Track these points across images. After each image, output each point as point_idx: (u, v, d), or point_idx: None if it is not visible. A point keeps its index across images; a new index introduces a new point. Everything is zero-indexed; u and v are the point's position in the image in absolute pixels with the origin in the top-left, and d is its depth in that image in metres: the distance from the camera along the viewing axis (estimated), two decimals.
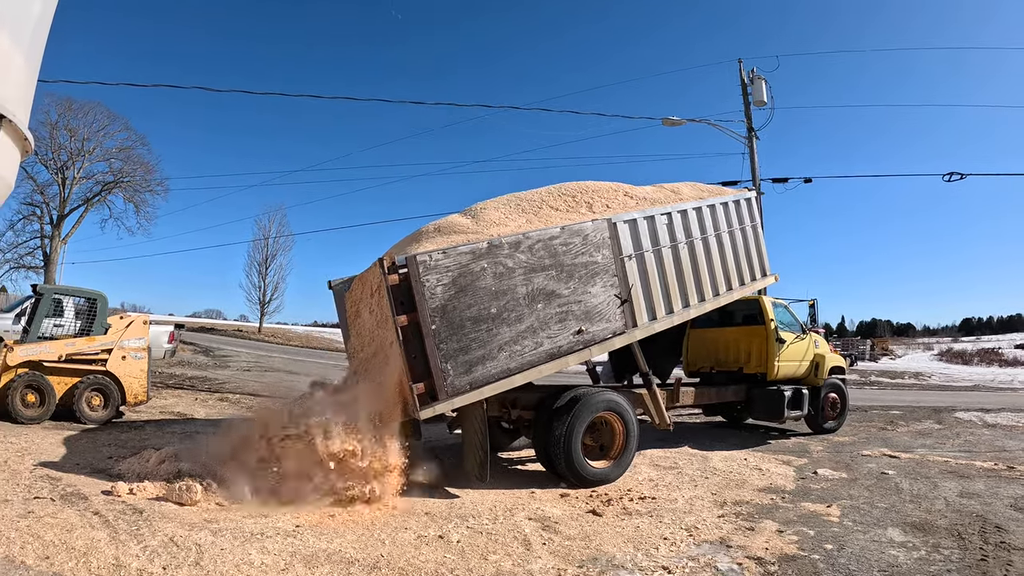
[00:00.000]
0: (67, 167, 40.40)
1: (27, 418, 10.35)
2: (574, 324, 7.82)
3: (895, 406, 17.51)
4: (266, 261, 54.99)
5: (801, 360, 12.16)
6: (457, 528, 6.23)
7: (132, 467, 7.51)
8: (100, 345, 11.36)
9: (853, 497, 7.67)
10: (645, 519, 6.73)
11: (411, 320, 6.63)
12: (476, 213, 8.31)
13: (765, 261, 12.00)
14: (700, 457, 10.17)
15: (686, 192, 10.61)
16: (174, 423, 11.83)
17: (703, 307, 10.00)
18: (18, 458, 7.86)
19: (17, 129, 4.51)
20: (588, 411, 8.16)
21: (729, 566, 5.33)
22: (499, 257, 7.21)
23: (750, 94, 19.21)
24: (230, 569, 4.88)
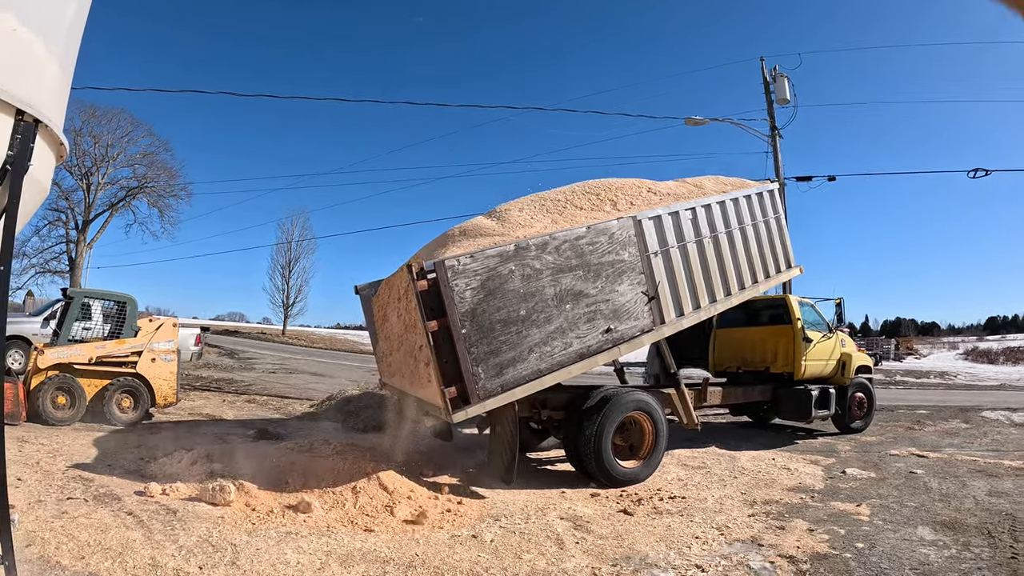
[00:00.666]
0: (92, 173, 41.26)
1: (57, 420, 10.44)
2: (602, 323, 7.77)
3: (921, 406, 17.27)
4: (289, 264, 55.60)
5: (828, 359, 12.02)
6: (490, 528, 6.22)
7: (164, 468, 7.54)
8: (130, 348, 11.46)
9: (882, 496, 7.59)
10: (676, 518, 6.70)
11: (441, 325, 6.60)
12: (501, 215, 8.27)
13: (790, 253, 11.86)
14: (728, 457, 10.08)
15: (709, 186, 10.51)
16: (203, 424, 11.90)
17: (730, 301, 9.91)
18: (50, 459, 7.92)
19: (53, 134, 4.55)
20: (618, 411, 8.12)
21: (762, 564, 5.29)
22: (526, 259, 7.16)
23: (772, 92, 19.08)
24: (266, 568, 4.89)
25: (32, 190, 4.48)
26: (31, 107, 4.07)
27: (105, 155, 41.35)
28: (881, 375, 28.22)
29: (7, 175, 4.07)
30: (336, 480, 6.89)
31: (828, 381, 12.01)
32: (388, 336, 8.82)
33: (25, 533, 5.14)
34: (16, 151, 4.05)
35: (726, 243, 9.83)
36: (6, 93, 3.89)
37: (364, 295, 10.12)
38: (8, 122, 4.00)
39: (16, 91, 3.96)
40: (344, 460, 7.27)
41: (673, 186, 9.97)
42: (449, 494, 7.15)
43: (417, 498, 6.78)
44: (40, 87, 4.35)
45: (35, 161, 4.23)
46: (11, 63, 3.98)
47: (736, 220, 10.16)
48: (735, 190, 10.52)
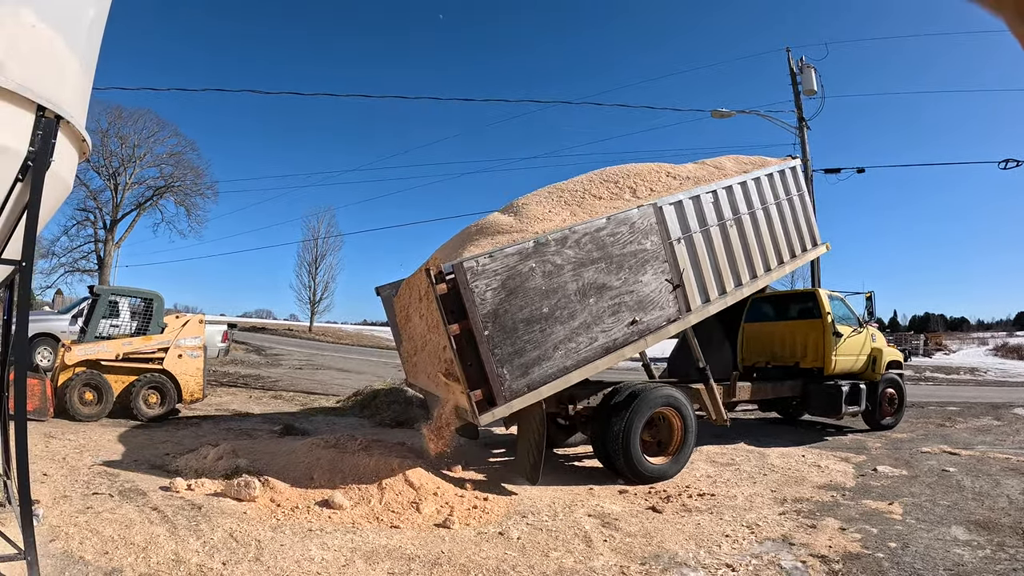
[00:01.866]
0: (119, 173, 41.65)
1: (85, 415, 10.51)
2: (627, 315, 7.61)
3: (952, 402, 16.89)
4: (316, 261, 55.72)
5: (858, 354, 11.78)
6: (517, 525, 6.12)
7: (190, 463, 7.54)
8: (157, 344, 11.52)
9: (915, 495, 7.42)
10: (705, 516, 6.56)
11: (463, 328, 6.45)
12: (518, 209, 8.08)
13: (815, 231, 11.58)
14: (757, 454, 9.91)
15: (729, 167, 10.24)
16: (230, 420, 11.94)
17: (756, 284, 9.67)
18: (76, 454, 7.95)
19: (75, 131, 4.53)
20: (647, 407, 7.96)
21: (793, 564, 5.17)
22: (546, 255, 6.99)
23: (799, 83, 18.70)
24: (290, 565, 4.83)
25: (55, 186, 4.45)
26: (52, 103, 4.04)
27: (132, 155, 41.78)
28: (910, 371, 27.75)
29: (29, 171, 4.06)
30: (362, 476, 6.83)
31: (858, 376, 11.76)
32: (412, 336, 8.74)
33: (49, 528, 5.13)
34: (37, 147, 4.02)
35: (750, 224, 9.59)
36: (26, 89, 3.86)
37: (385, 296, 10.05)
38: (29, 118, 3.98)
39: (37, 87, 3.94)
40: (370, 456, 7.20)
41: (693, 169, 9.70)
42: (475, 490, 7.06)
43: (443, 495, 6.69)
44: (61, 84, 4.32)
45: (57, 157, 4.20)
46: (31, 60, 3.96)
47: (759, 200, 9.91)
48: (756, 169, 10.25)
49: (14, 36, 3.80)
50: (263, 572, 4.67)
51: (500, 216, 8.02)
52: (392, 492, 6.52)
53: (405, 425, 11.68)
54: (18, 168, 3.96)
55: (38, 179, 4.03)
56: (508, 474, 8.05)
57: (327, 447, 7.57)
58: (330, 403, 14.72)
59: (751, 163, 10.76)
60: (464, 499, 6.73)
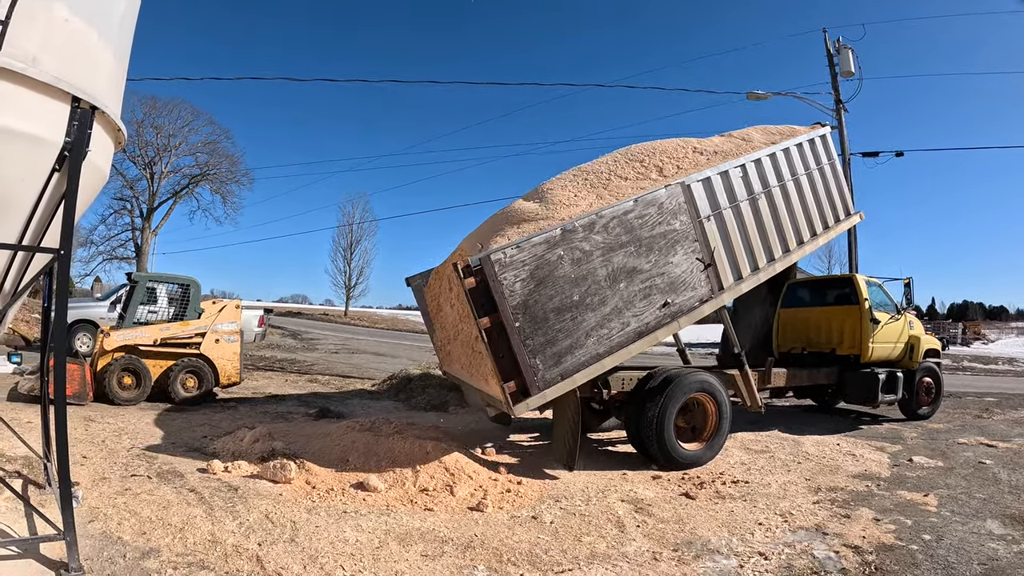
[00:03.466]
0: (155, 162, 42.53)
1: (123, 400, 10.72)
2: (659, 298, 7.45)
3: (989, 393, 16.39)
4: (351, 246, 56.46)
5: (896, 342, 11.44)
6: (550, 509, 6.09)
7: (226, 446, 7.62)
8: (194, 329, 11.67)
9: (950, 486, 7.28)
10: (739, 503, 6.48)
11: (494, 321, 6.36)
12: (543, 195, 7.91)
13: (848, 200, 11.20)
14: (792, 441, 9.71)
15: (757, 138, 9.87)
16: (266, 403, 12.04)
17: (789, 259, 9.40)
18: (115, 438, 8.09)
19: (110, 120, 4.57)
20: (681, 392, 7.83)
21: (826, 554, 5.10)
22: (574, 242, 6.85)
23: (836, 65, 18.17)
24: (325, 546, 4.85)
25: (91, 175, 4.50)
26: (87, 94, 4.08)
27: (167, 145, 42.62)
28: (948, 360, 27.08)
29: (65, 161, 4.10)
30: (396, 459, 6.84)
31: (895, 364, 11.43)
32: (444, 325, 8.69)
33: (88, 509, 5.24)
34: (74, 137, 4.06)
35: (780, 197, 9.29)
36: (61, 81, 3.90)
37: (415, 286, 10.00)
38: (64, 110, 4.02)
39: (71, 79, 3.97)
40: (405, 439, 7.20)
41: (719, 142, 9.40)
42: (509, 474, 7.04)
43: (478, 478, 6.68)
44: (95, 75, 4.36)
45: (93, 147, 4.24)
46: (65, 52, 4.00)
47: (788, 172, 9.57)
48: (785, 139, 9.87)
49: (48, 30, 3.85)
50: (298, 552, 4.69)
51: (525, 203, 7.86)
52: (426, 475, 6.52)
53: (439, 409, 11.71)
54: (55, 158, 4.02)
55: (75, 169, 4.08)
56: (541, 458, 8.01)
57: (362, 430, 7.61)
58: (365, 387, 14.81)
59: (780, 133, 10.37)
60: (498, 483, 6.71)
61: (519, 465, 7.59)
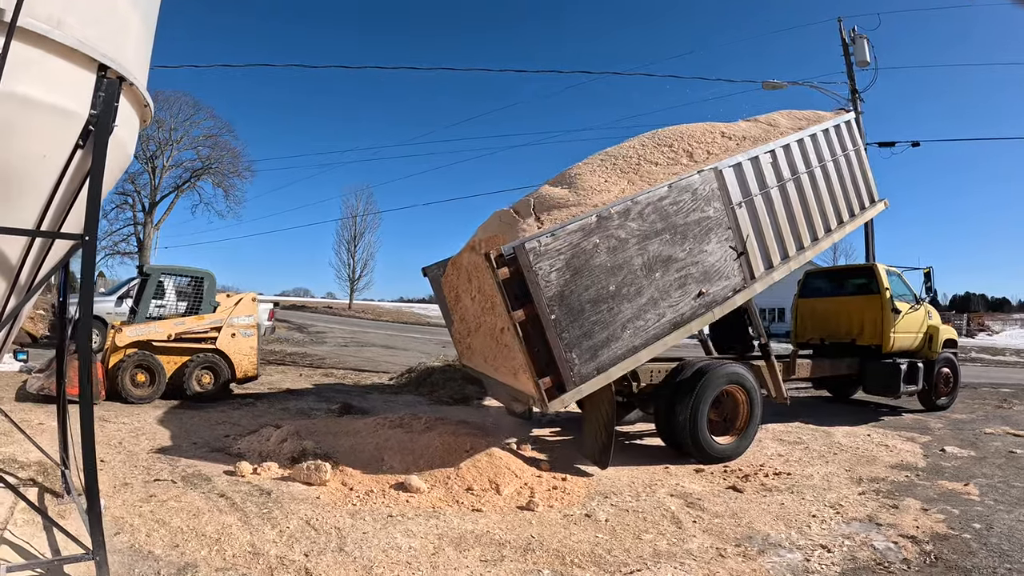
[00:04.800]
0: (156, 156, 41.49)
1: (137, 398, 10.07)
2: (694, 287, 6.99)
3: (1004, 383, 16.04)
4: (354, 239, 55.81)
5: (916, 332, 11.10)
6: (601, 506, 5.68)
7: (252, 446, 7.06)
8: (209, 323, 11.01)
9: (987, 476, 7.10)
10: (786, 495, 6.18)
11: (529, 313, 5.81)
12: (571, 181, 7.36)
13: (872, 187, 10.74)
14: (822, 432, 9.38)
15: (783, 123, 9.35)
16: (283, 399, 11.43)
17: (817, 247, 8.94)
18: (133, 439, 7.51)
19: (138, 93, 4.01)
20: (713, 384, 7.41)
21: (886, 545, 4.93)
22: (610, 230, 6.34)
23: (852, 54, 17.77)
24: (377, 554, 4.36)
25: (117, 153, 3.95)
26: (115, 63, 3.53)
27: (169, 139, 41.56)
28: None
29: (90, 136, 3.60)
30: (435, 457, 6.37)
31: (915, 355, 11.08)
32: (463, 317, 8.22)
33: (112, 519, 4.67)
34: (100, 110, 3.51)
35: (808, 184, 8.84)
36: (88, 47, 3.37)
37: (432, 276, 9.47)
38: (90, 79, 3.48)
39: (98, 44, 3.44)
40: (439, 435, 6.74)
41: (746, 127, 8.92)
42: (552, 471, 6.59)
43: (522, 476, 6.20)
44: (124, 42, 3.80)
45: (120, 122, 3.70)
46: (91, 15, 3.42)
47: (816, 158, 9.13)
48: (811, 125, 9.42)
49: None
50: (349, 564, 4.19)
51: (553, 188, 7.28)
52: (470, 473, 6.03)
53: (463, 403, 11.21)
54: (79, 133, 3.46)
55: (101, 145, 3.54)
56: (571, 453, 7.60)
57: (392, 427, 7.14)
58: (383, 380, 14.22)
59: (805, 118, 9.92)
60: (542, 480, 6.24)
61: (552, 461, 7.09)
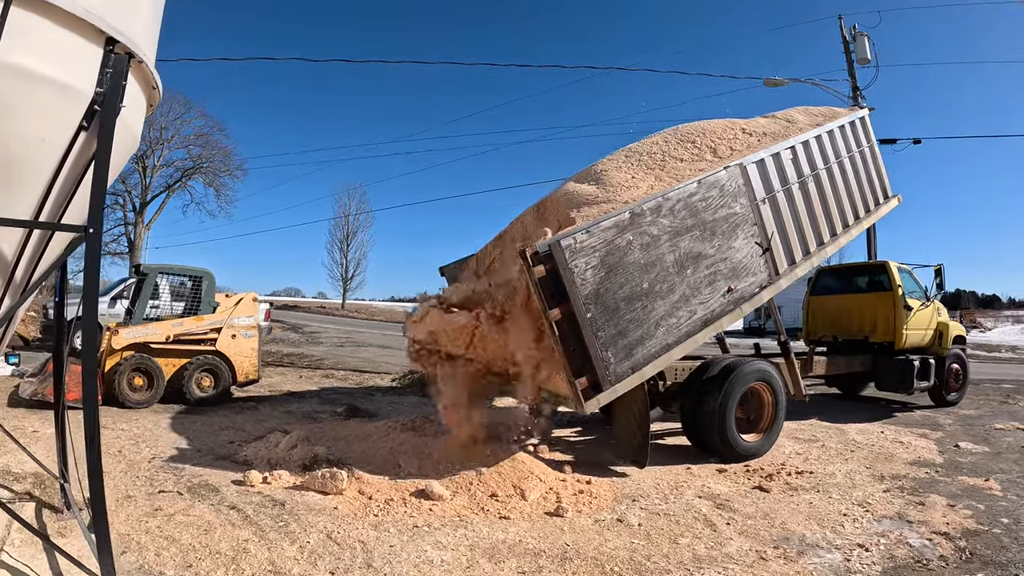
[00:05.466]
0: (147, 156, 40.11)
1: (135, 402, 9.56)
2: (723, 284, 6.78)
3: (1004, 379, 15.95)
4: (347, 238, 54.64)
5: (926, 328, 11.00)
6: (631, 510, 5.39)
7: (260, 453, 6.65)
8: (208, 324, 10.51)
9: (1005, 471, 7.03)
10: (813, 495, 6.01)
11: (565, 312, 5.57)
12: (598, 177, 7.15)
13: (886, 182, 10.60)
14: (836, 430, 9.18)
15: (801, 119, 9.25)
16: (286, 402, 10.94)
17: (836, 243, 8.81)
18: (133, 446, 7.08)
19: (147, 73, 3.63)
20: (742, 382, 7.22)
21: (921, 542, 4.84)
22: (643, 226, 6.14)
23: (852, 52, 17.63)
24: (409, 570, 4.02)
25: (123, 138, 3.55)
26: (124, 36, 3.15)
27: (160, 138, 40.34)
28: None
29: (95, 117, 3.25)
30: (453, 461, 6.02)
31: (925, 351, 10.97)
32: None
33: (118, 537, 4.25)
34: (107, 88, 3.14)
35: (827, 180, 8.70)
36: (96, 17, 3.01)
37: (451, 275, 9.19)
38: (96, 54, 3.12)
39: (107, 15, 3.07)
40: (455, 439, 6.38)
41: (765, 123, 8.76)
42: (575, 474, 6.28)
43: (547, 480, 5.87)
44: (134, 15, 3.37)
45: (127, 103, 3.35)
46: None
47: (833, 154, 9.01)
48: (827, 121, 9.32)
49: None
50: None
51: (579, 185, 7.06)
52: (492, 478, 5.68)
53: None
54: (83, 113, 3.08)
55: (107, 127, 3.18)
56: (594, 454, 7.36)
57: (405, 430, 6.78)
58: (385, 382, 13.76)
59: (822, 115, 9.83)
60: (567, 483, 5.91)
61: (575, 463, 6.76)
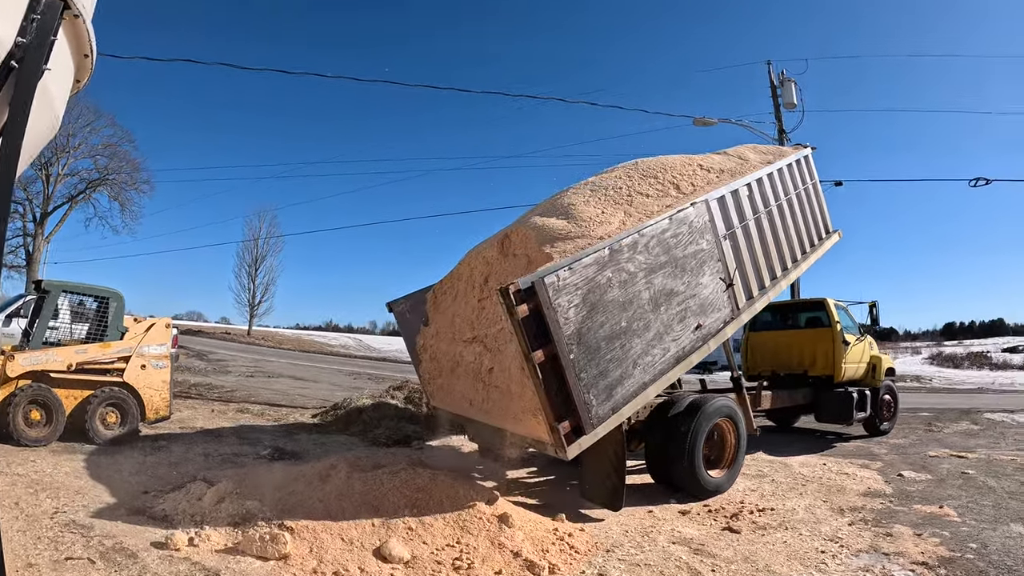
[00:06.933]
0: (51, 163, 36.83)
1: (31, 439, 8.14)
2: (693, 320, 6.55)
3: (919, 407, 16.45)
4: (256, 262, 51.45)
5: (860, 362, 11.30)
6: (609, 562, 4.98)
7: (181, 506, 5.60)
8: (116, 352, 9.13)
9: (955, 497, 7.11)
10: (784, 533, 5.83)
11: (548, 353, 5.12)
12: (566, 211, 6.69)
13: (827, 218, 10.82)
14: (780, 463, 9.08)
15: (752, 157, 9.28)
16: (202, 441, 9.54)
17: (788, 277, 8.80)
18: (31, 496, 5.90)
19: (81, 32, 2.77)
20: (708, 419, 7.00)
21: (904, 573, 4.85)
22: (621, 263, 5.83)
23: (780, 96, 18.27)
24: None
25: (42, 115, 2.76)
26: None
27: (66, 145, 36.91)
28: None
29: (11, 76, 2.46)
30: (408, 512, 5.24)
31: (860, 383, 11.23)
32: (435, 356, 7.45)
33: None
34: (30, 39, 2.41)
35: (778, 216, 8.74)
36: None
37: (399, 311, 8.47)
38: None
39: None
40: (407, 485, 5.60)
41: (720, 160, 8.68)
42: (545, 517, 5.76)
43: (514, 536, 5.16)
44: None
45: (53, 66, 2.60)
46: None
47: (783, 191, 9.09)
48: (777, 159, 9.44)
49: None
50: None
51: (548, 219, 6.58)
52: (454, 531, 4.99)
53: (403, 444, 9.95)
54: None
55: (25, 90, 2.39)
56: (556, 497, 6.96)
57: (348, 475, 5.83)
58: (305, 418, 12.58)
59: (770, 153, 9.98)
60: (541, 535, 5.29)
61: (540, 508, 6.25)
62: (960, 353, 50.09)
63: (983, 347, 53.43)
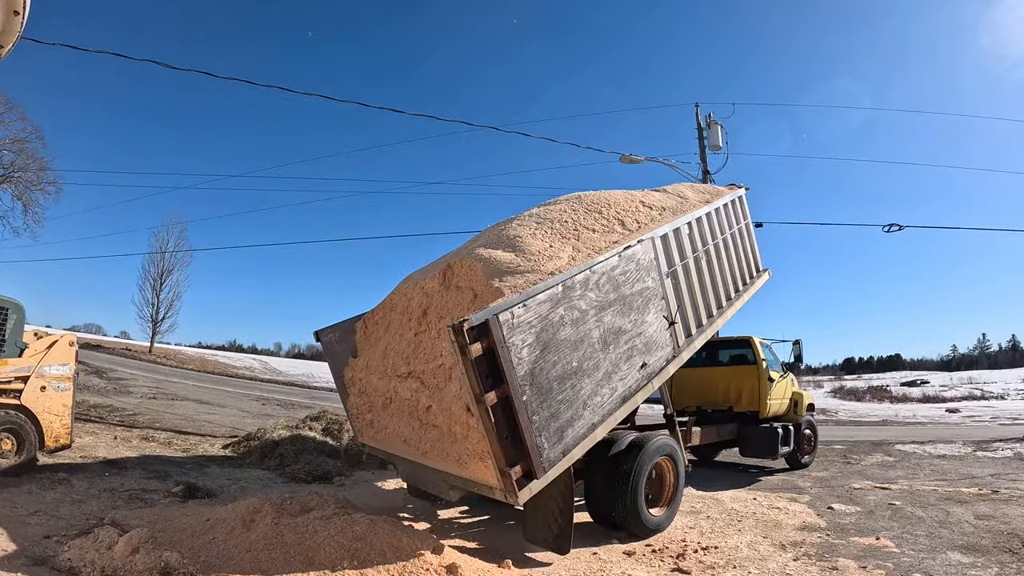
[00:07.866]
0: None
1: None
2: (638, 359, 6.43)
3: (833, 441, 16.97)
4: (161, 276, 48.77)
5: (783, 398, 11.57)
6: None
7: (89, 556, 4.93)
8: (13, 371, 8.09)
9: (888, 528, 7.23)
10: (735, 572, 5.74)
11: (500, 395, 4.84)
12: (513, 243, 6.40)
13: (758, 258, 11.06)
14: (712, 499, 9.06)
15: (690, 195, 9.38)
16: (106, 474, 8.61)
17: (723, 315, 8.84)
18: None
19: None
20: (649, 457, 6.86)
21: None
22: (573, 300, 5.64)
23: (706, 138, 18.74)
24: None
25: None
26: None
27: None
28: None
29: None
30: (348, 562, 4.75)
31: (782, 419, 11.50)
32: (364, 391, 7.05)
33: None
34: None
35: (715, 254, 8.84)
36: None
37: (327, 341, 7.97)
38: None
39: None
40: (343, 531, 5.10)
41: (660, 198, 8.68)
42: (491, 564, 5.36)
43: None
44: None
45: None
46: None
47: (719, 230, 9.23)
48: (714, 198, 9.57)
49: None
50: None
51: (495, 252, 6.24)
52: None
53: (323, 480, 9.39)
54: None
55: None
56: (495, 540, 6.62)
57: (274, 519, 5.31)
58: (215, 449, 11.69)
59: (707, 192, 10.13)
60: None
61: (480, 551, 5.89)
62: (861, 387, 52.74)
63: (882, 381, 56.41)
